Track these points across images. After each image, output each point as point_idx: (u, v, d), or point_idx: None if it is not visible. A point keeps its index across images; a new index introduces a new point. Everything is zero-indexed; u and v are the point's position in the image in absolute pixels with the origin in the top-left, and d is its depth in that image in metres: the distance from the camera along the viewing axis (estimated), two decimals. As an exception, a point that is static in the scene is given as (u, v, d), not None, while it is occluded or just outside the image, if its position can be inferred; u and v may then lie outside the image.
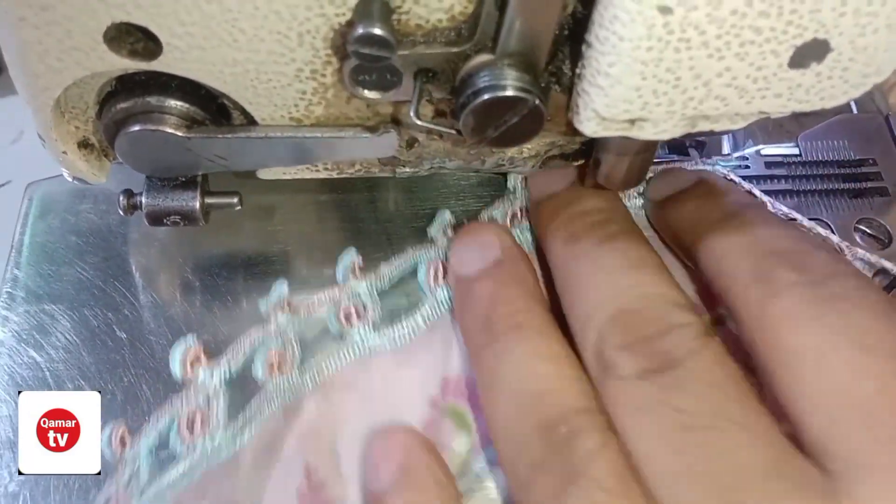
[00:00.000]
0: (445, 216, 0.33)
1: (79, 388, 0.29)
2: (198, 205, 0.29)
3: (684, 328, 0.24)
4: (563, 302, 0.28)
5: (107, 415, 0.29)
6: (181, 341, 0.29)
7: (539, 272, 0.30)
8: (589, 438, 0.23)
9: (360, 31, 0.21)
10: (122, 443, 0.28)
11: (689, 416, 0.23)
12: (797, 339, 0.23)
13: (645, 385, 0.24)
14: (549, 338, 0.26)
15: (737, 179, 0.32)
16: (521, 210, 0.33)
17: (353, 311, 0.30)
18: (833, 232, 0.32)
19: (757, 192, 0.32)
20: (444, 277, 0.31)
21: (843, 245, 0.30)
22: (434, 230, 0.32)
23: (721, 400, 0.23)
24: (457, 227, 0.32)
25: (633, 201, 0.33)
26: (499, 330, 0.27)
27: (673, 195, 0.31)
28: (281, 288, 0.31)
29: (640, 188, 0.33)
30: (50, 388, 0.29)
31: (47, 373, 0.30)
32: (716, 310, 0.29)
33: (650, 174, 0.32)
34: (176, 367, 0.29)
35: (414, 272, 0.31)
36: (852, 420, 0.21)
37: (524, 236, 0.32)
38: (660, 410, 0.23)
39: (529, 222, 0.32)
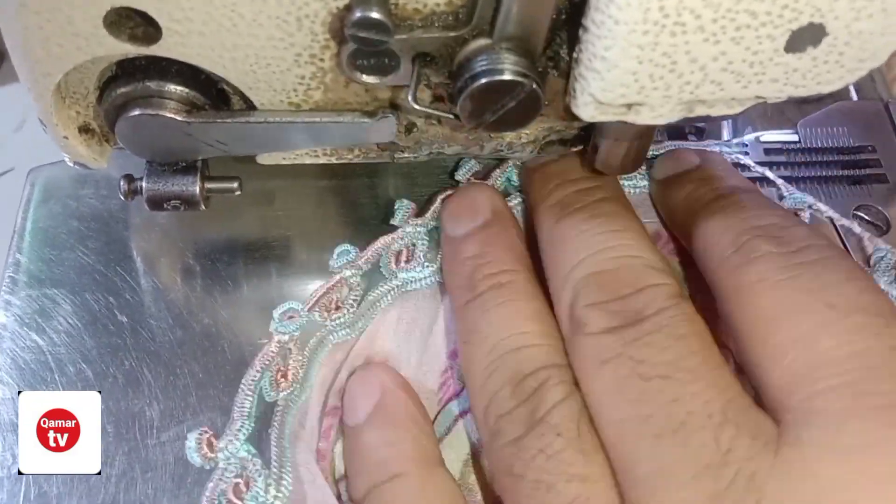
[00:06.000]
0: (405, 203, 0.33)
1: (80, 371, 0.29)
2: (198, 189, 0.29)
3: (657, 288, 0.25)
4: (544, 264, 0.28)
5: (108, 397, 0.29)
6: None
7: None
8: (554, 389, 0.24)
9: (358, 14, 0.21)
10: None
11: (647, 367, 0.23)
12: (768, 300, 0.24)
13: (609, 339, 0.24)
14: (529, 297, 0.27)
15: (749, 163, 0.33)
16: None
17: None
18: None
19: (771, 175, 0.33)
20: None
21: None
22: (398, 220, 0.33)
23: (681, 352, 0.23)
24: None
25: (638, 181, 0.33)
26: (481, 287, 0.27)
27: (674, 176, 0.31)
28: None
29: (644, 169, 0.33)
30: (52, 372, 0.29)
31: (49, 356, 0.30)
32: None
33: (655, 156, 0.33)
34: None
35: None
36: (811, 369, 0.22)
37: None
38: (619, 361, 0.24)
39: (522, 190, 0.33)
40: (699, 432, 0.22)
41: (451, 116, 0.26)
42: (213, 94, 0.27)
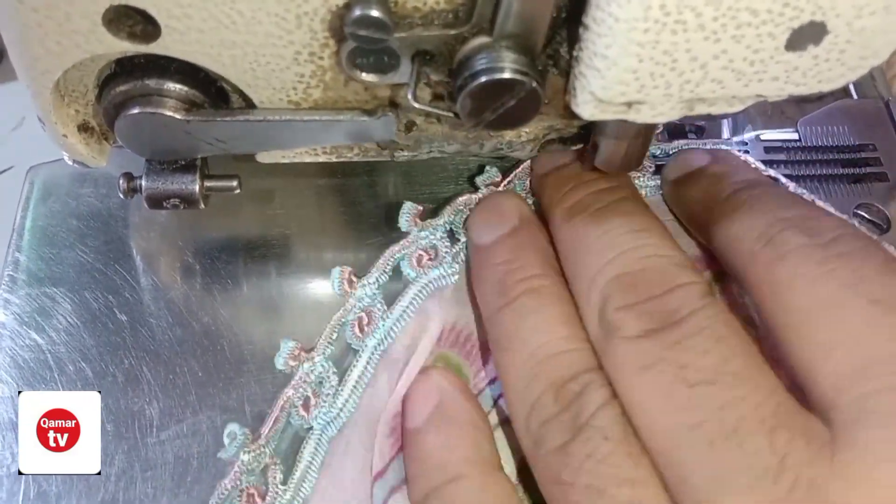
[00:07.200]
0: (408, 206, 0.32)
1: (79, 370, 0.29)
2: (197, 188, 0.29)
3: (688, 287, 0.25)
4: (566, 268, 0.28)
5: (107, 396, 0.29)
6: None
7: None
8: (596, 393, 0.24)
9: (358, 13, 0.21)
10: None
11: (690, 372, 0.23)
12: (808, 296, 0.23)
13: (647, 343, 0.24)
14: (563, 301, 0.27)
15: (751, 160, 0.33)
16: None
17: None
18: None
19: (773, 173, 0.33)
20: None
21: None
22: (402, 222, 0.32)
23: (724, 355, 0.23)
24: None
25: (647, 181, 0.33)
26: (515, 293, 0.27)
27: (687, 175, 0.31)
28: None
29: (649, 168, 0.33)
30: (51, 370, 0.29)
31: (48, 355, 0.30)
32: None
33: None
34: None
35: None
36: (860, 368, 0.21)
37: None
38: (661, 367, 0.23)
39: (533, 195, 0.32)
40: (753, 438, 0.21)
41: (451, 115, 0.26)
42: (212, 92, 0.27)
